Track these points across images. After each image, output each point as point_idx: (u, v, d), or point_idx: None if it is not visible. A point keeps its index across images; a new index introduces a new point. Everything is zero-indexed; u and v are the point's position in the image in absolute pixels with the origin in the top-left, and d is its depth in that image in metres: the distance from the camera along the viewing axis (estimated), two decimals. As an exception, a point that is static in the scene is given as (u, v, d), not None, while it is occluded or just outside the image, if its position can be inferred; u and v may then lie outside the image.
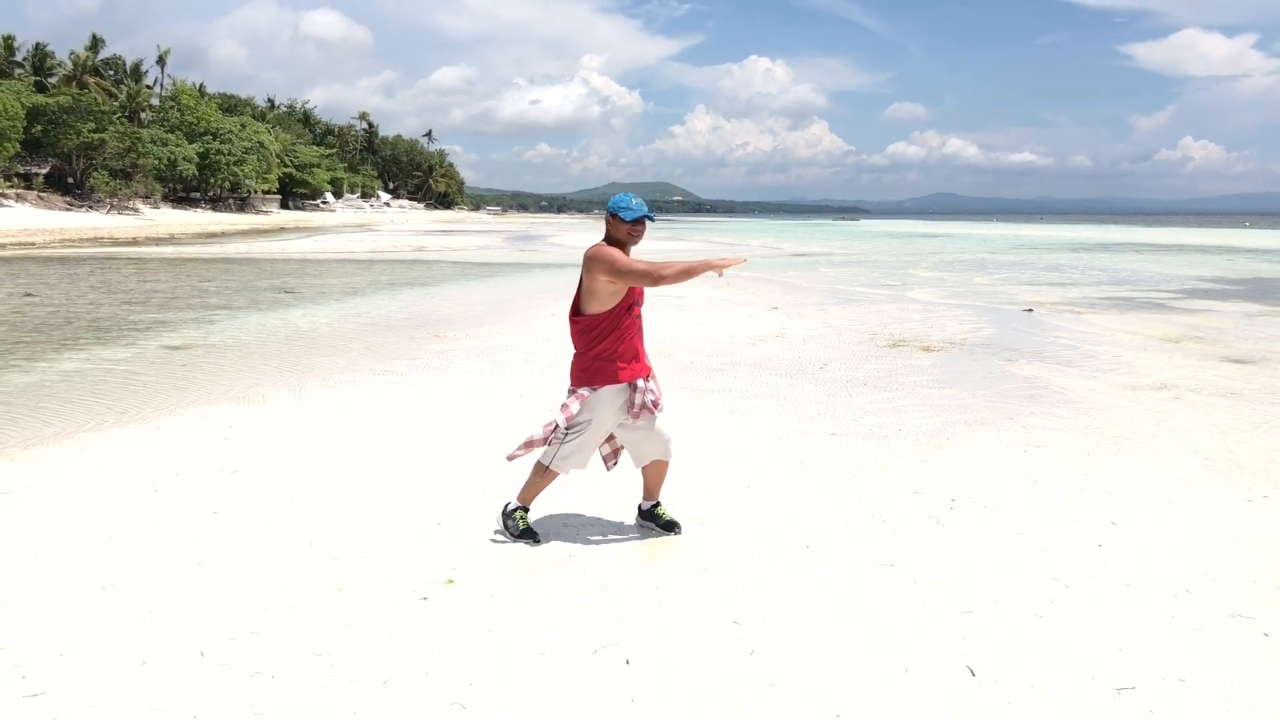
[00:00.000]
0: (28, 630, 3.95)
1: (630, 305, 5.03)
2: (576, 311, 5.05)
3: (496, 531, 5.30)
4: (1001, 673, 3.73)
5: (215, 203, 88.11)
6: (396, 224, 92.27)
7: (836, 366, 11.39)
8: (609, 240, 5.03)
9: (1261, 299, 22.65)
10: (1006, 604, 4.42)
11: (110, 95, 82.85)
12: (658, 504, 5.43)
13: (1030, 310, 18.88)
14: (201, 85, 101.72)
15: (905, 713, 3.43)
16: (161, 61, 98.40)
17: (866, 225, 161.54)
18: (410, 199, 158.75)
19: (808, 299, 21.01)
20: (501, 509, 5.39)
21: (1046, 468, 6.86)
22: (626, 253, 4.99)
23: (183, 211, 78.57)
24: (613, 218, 5.00)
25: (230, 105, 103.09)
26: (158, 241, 46.25)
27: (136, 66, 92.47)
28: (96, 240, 45.94)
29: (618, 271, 4.88)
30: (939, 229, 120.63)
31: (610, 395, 5.02)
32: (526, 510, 5.30)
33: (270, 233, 63.63)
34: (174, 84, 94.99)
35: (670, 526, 5.35)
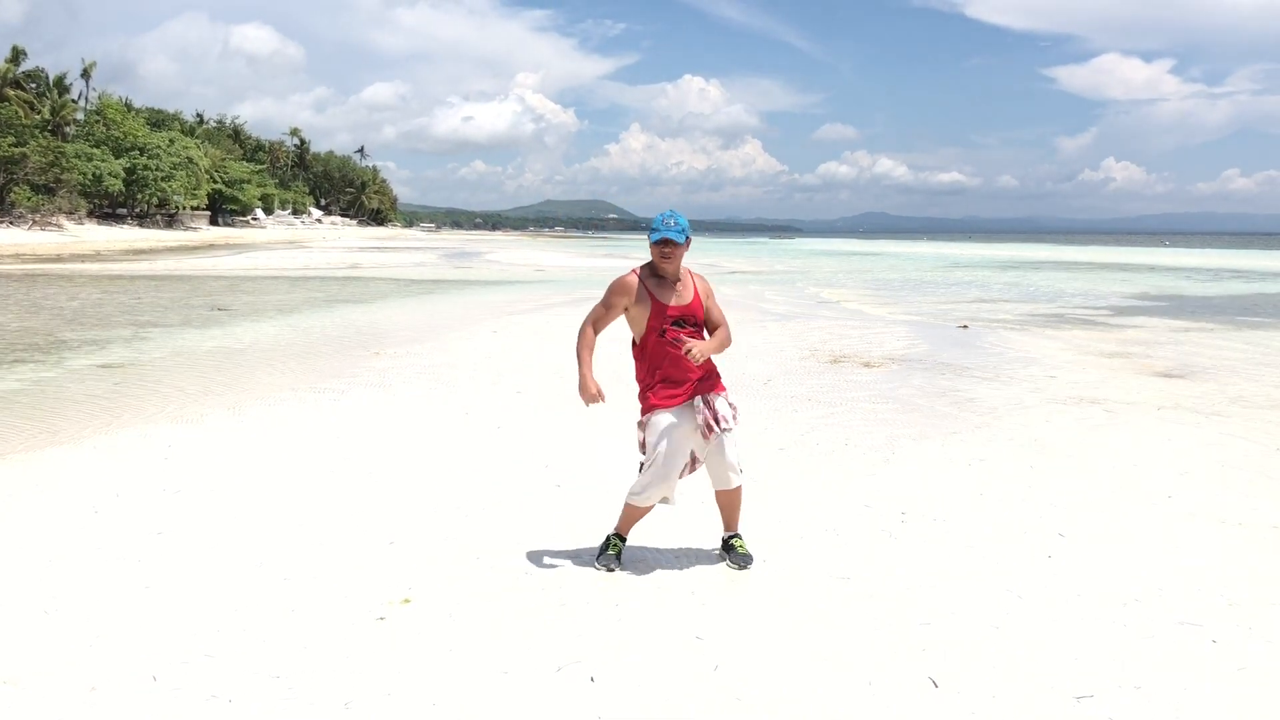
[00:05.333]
0: (-32, 657, 3.81)
1: (662, 329, 4.90)
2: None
3: (462, 550, 5.24)
4: (963, 683, 3.76)
5: (142, 219, 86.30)
6: (329, 241, 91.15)
7: (780, 382, 11.46)
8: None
9: (1186, 315, 23.27)
10: (963, 615, 4.46)
11: (32, 109, 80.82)
12: (734, 535, 5.22)
13: (965, 327, 19.20)
14: (128, 99, 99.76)
15: (872, 725, 3.45)
16: (86, 75, 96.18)
17: (801, 244, 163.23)
18: (343, 216, 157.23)
19: (747, 316, 21.12)
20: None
21: (991, 481, 6.96)
22: (662, 272, 4.93)
23: (108, 228, 76.92)
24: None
25: (158, 120, 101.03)
26: (83, 259, 45.13)
27: (60, 80, 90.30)
28: (18, 257, 44.74)
29: (604, 302, 5.02)
30: (871, 247, 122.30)
31: (667, 418, 4.92)
32: (621, 539, 5.17)
33: (200, 250, 62.45)
34: (99, 98, 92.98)
35: (738, 561, 5.08)
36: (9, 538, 5.35)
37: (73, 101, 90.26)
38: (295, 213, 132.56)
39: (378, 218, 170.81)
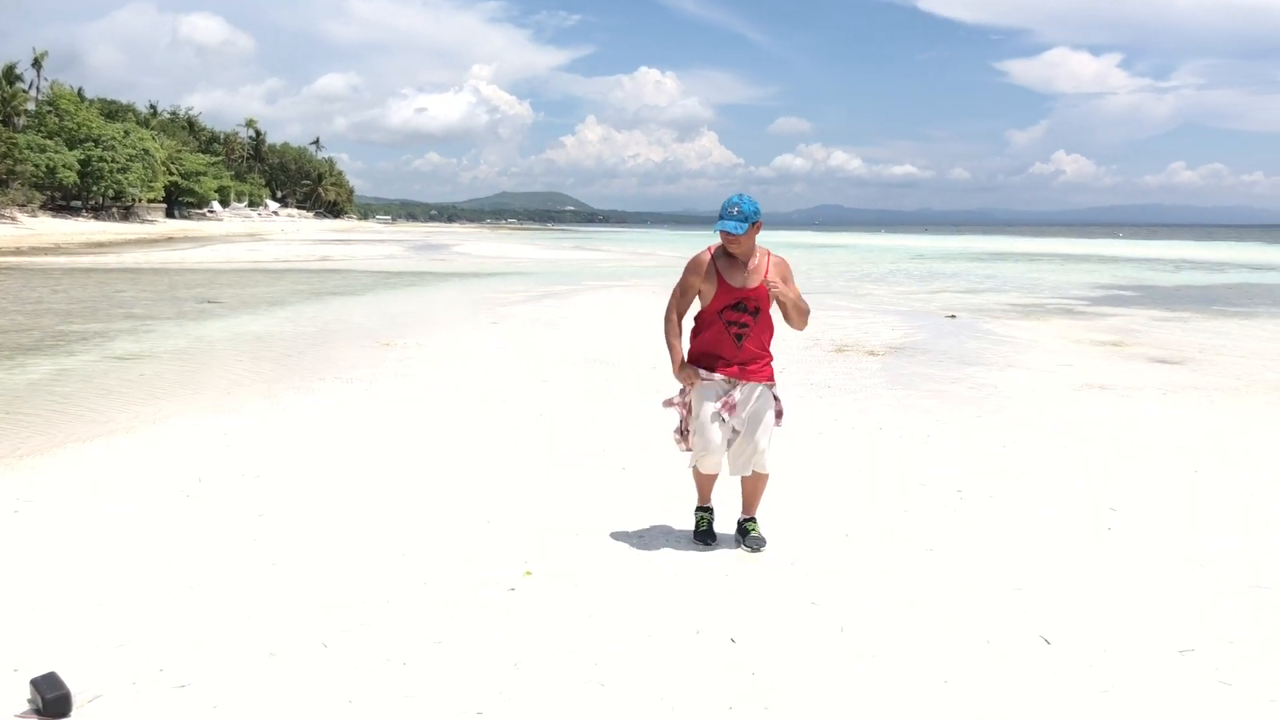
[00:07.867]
0: (139, 627, 3.99)
1: (722, 309, 5.12)
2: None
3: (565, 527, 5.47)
4: (1072, 640, 4.06)
5: (97, 211, 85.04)
6: (288, 233, 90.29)
7: (794, 370, 11.72)
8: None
9: (1161, 305, 23.93)
10: (1050, 581, 4.76)
11: (-18, 99, 79.40)
12: (748, 519, 5.37)
13: (954, 316, 19.64)
14: (81, 90, 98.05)
15: (1004, 677, 3.73)
16: (38, 64, 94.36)
17: (759, 236, 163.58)
18: (299, 208, 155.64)
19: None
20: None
21: (1030, 461, 7.29)
22: (733, 256, 5.18)
23: (64, 220, 75.68)
24: None
25: (111, 111, 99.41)
26: (45, 252, 44.56)
27: (10, 69, 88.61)
28: (-21, 250, 44.06)
29: (680, 283, 5.21)
30: (830, 240, 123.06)
31: (705, 385, 5.15)
32: (707, 510, 5.40)
33: (160, 243, 61.71)
34: (51, 87, 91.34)
35: (749, 544, 5.21)
36: (117, 521, 5.48)
37: (24, 91, 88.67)
38: (252, 205, 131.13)
39: (334, 210, 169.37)
